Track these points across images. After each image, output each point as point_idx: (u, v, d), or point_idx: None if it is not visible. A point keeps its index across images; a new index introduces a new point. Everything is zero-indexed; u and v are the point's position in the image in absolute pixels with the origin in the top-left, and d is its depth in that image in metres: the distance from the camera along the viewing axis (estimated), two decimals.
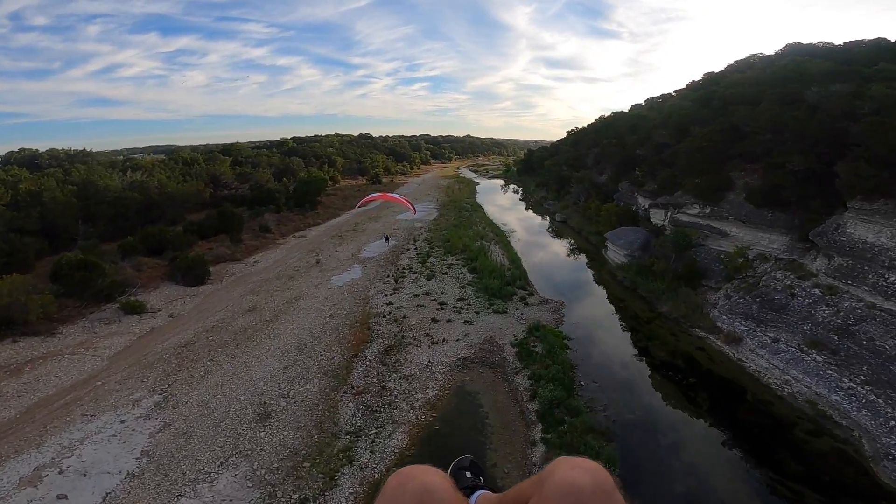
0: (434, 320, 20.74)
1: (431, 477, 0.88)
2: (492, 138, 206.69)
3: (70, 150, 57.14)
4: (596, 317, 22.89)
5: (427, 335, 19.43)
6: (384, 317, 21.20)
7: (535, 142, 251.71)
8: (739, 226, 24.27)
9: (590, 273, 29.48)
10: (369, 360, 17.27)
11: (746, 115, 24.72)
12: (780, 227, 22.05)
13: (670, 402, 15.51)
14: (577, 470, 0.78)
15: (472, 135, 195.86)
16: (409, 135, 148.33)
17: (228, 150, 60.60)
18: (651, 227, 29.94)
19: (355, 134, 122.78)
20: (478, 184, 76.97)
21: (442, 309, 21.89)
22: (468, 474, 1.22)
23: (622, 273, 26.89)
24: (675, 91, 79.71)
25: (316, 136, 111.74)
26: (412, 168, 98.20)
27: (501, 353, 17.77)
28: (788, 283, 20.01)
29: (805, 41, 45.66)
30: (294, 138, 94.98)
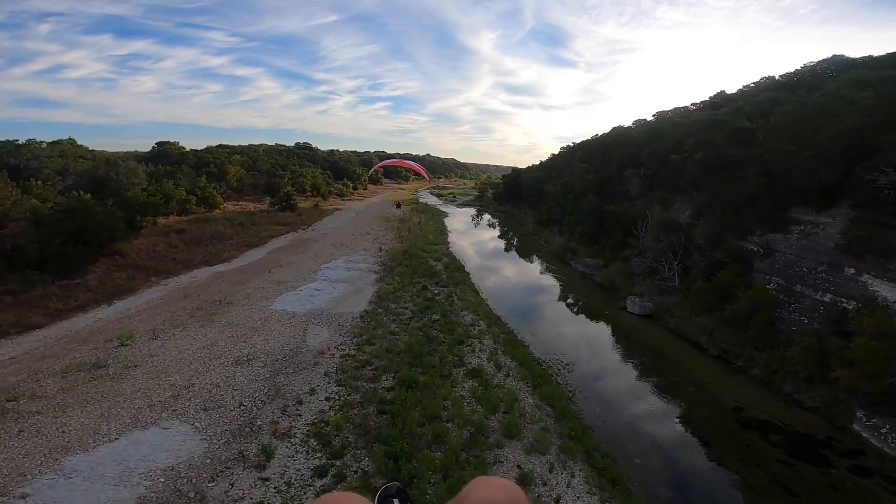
0: None
1: (352, 503, 0.85)
2: (454, 159, 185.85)
3: None
4: None
5: None
6: None
7: (496, 166, 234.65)
8: None
9: None
10: None
11: None
12: None
13: None
14: (492, 488, 0.79)
15: (431, 154, 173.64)
16: (364, 150, 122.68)
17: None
18: None
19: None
20: (445, 214, 53.58)
21: None
22: (396, 501, 1.15)
23: None
24: (692, 104, 61.64)
25: (250, 145, 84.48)
26: (355, 189, 73.46)
27: None
28: None
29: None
30: (207, 148, 67.91)
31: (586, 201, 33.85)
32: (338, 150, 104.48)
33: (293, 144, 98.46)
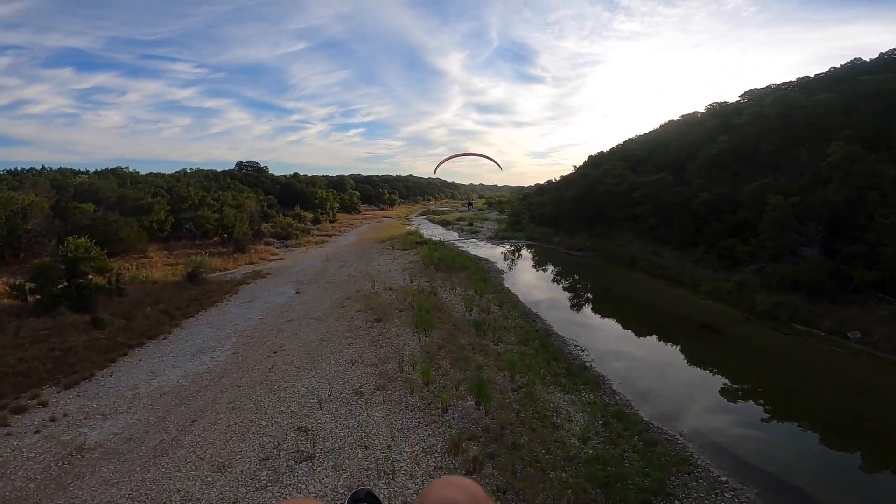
0: None
1: None
2: (440, 178, 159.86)
3: None
4: None
5: None
6: None
7: (481, 185, 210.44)
8: None
9: None
10: None
11: None
12: None
13: None
14: (451, 487, 0.78)
15: (414, 175, 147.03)
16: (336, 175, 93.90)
17: None
18: None
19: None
20: (496, 269, 26.85)
21: None
22: None
23: None
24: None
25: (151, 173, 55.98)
26: (316, 222, 46.39)
27: None
28: None
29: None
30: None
31: None
32: (302, 175, 76.01)
33: (235, 164, 70.91)
